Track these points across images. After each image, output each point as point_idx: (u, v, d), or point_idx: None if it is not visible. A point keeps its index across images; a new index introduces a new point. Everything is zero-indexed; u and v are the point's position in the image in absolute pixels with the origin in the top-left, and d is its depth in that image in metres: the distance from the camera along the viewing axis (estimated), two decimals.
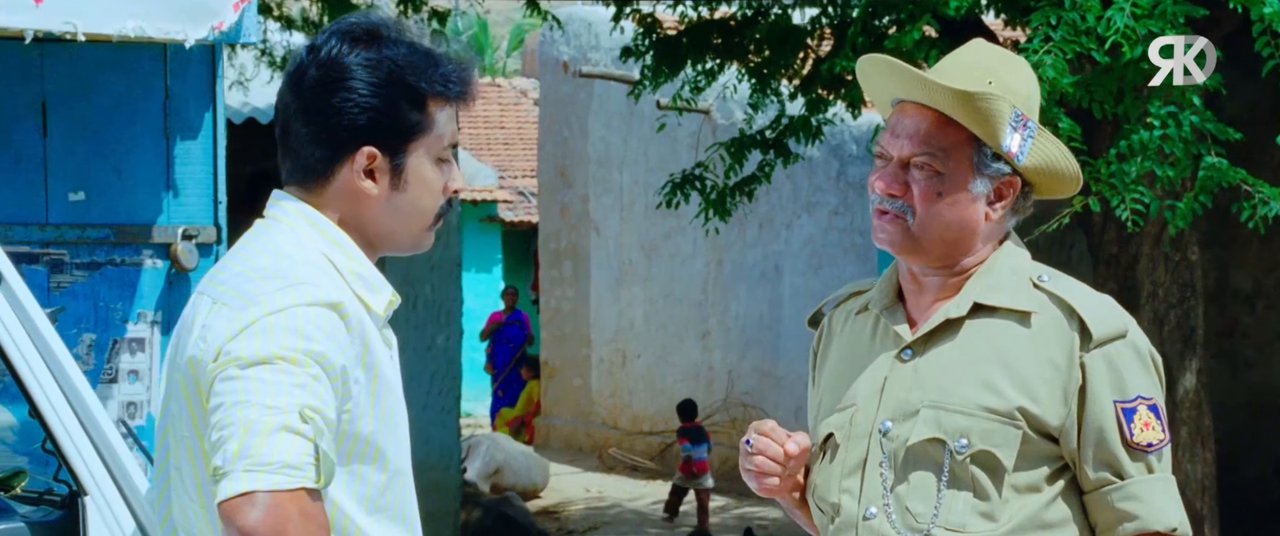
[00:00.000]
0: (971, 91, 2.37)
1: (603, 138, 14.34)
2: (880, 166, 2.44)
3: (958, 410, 2.37)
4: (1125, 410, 2.37)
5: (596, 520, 12.04)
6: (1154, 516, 2.39)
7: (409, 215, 2.18)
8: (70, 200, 4.18)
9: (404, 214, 2.18)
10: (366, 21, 2.18)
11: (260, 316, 2.02)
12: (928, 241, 2.41)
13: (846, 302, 2.59)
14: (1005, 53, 2.52)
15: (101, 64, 4.13)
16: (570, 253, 14.95)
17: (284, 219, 2.15)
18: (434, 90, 2.15)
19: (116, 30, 3.66)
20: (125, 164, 4.24)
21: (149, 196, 4.16)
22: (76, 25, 3.60)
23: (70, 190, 4.15)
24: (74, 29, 3.62)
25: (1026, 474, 2.39)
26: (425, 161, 2.16)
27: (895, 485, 2.39)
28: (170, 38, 3.69)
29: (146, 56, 4.07)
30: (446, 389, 10.38)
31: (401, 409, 2.20)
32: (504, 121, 19.41)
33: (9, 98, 4.18)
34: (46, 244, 4.22)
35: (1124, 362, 2.39)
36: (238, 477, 1.94)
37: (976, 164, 2.40)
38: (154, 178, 4.17)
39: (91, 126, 4.24)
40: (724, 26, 8.40)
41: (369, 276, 2.17)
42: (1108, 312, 2.42)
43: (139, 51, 4.01)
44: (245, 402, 1.97)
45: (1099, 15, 5.95)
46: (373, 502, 2.12)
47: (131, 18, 3.63)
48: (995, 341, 2.40)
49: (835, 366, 2.54)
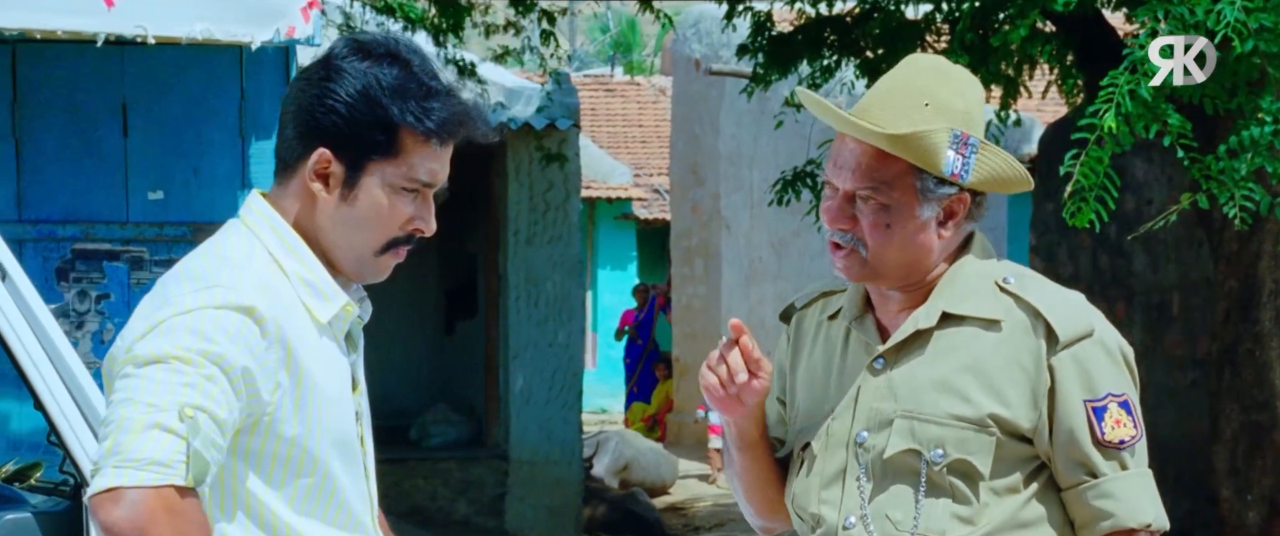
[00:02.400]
0: (900, 134, 2.34)
1: (733, 135, 14.32)
2: (828, 196, 2.43)
3: (931, 420, 2.37)
4: (1095, 408, 2.37)
5: (723, 517, 12.03)
6: (1128, 513, 2.39)
7: (352, 231, 2.18)
8: (149, 199, 4.30)
9: (348, 228, 2.18)
10: (387, 41, 2.21)
11: (168, 317, 2.06)
12: (884, 269, 2.41)
13: (816, 303, 2.58)
14: (941, 65, 2.46)
15: (179, 66, 4.24)
16: (701, 250, 14.96)
17: (247, 219, 2.20)
18: (407, 120, 2.15)
19: (185, 33, 3.76)
20: (202, 163, 4.35)
21: (225, 195, 4.26)
22: (147, 28, 3.70)
23: (149, 189, 4.27)
24: (145, 32, 3.72)
25: (1004, 477, 2.39)
26: (383, 185, 2.16)
27: (873, 495, 2.40)
28: (237, 40, 3.78)
29: (222, 59, 4.17)
30: (568, 385, 10.46)
31: (340, 414, 2.19)
32: (641, 119, 19.47)
33: (91, 100, 4.31)
34: (127, 241, 4.34)
35: (1092, 361, 2.39)
36: (106, 473, 1.97)
37: (920, 191, 2.38)
38: (230, 176, 4.28)
39: (170, 127, 4.36)
40: (839, 23, 8.33)
41: (318, 284, 2.18)
42: (1073, 312, 2.41)
43: (215, 54, 4.11)
44: (129, 400, 2.00)
45: (1208, 9, 5.79)
46: (300, 504, 2.14)
47: (200, 21, 3.72)
48: (964, 349, 2.40)
49: (809, 374, 2.54)
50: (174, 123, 4.36)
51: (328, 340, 2.19)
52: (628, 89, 19.90)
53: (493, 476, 10.56)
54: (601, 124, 19.29)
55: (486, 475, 10.57)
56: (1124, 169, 8.76)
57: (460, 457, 10.63)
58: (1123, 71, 5.61)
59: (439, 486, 10.54)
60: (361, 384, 2.29)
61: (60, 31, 3.67)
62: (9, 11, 3.61)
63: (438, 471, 10.52)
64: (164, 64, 4.19)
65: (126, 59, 4.23)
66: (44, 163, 4.56)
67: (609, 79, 20.98)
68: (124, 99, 4.31)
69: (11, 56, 4.46)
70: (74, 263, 4.43)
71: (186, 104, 4.35)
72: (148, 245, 4.33)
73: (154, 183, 4.34)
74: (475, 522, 10.48)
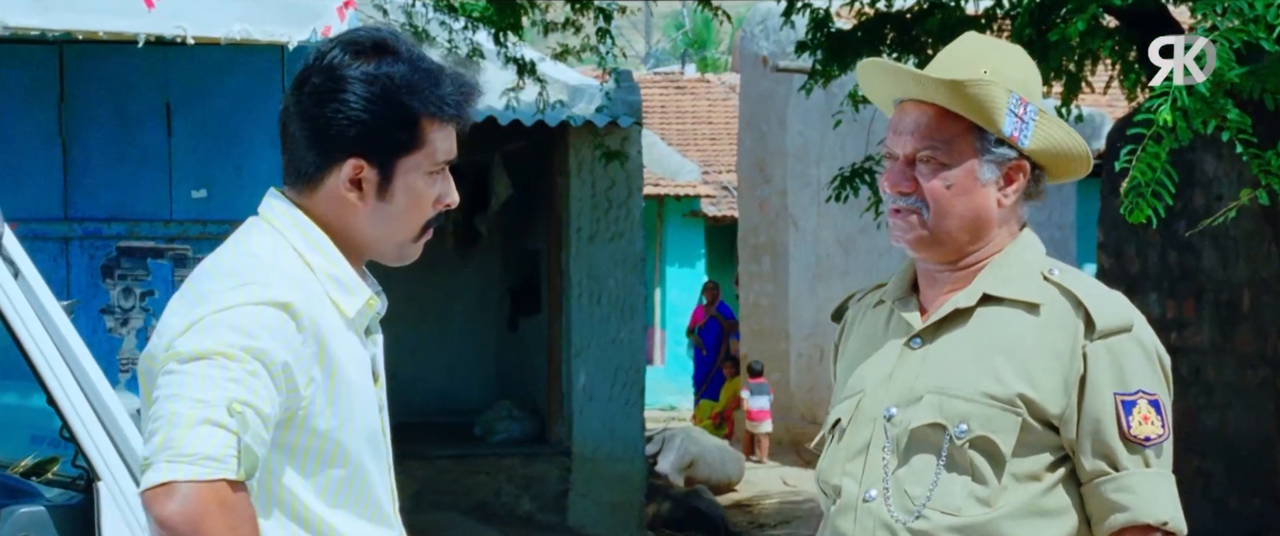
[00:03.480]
0: (962, 79, 2.38)
1: (800, 132, 14.28)
2: (888, 166, 2.46)
3: (960, 396, 2.38)
4: (1125, 402, 2.37)
5: (789, 514, 12.00)
6: (1145, 508, 2.37)
7: (393, 226, 2.22)
8: (193, 197, 4.35)
9: (388, 224, 2.22)
10: (374, 35, 2.23)
11: (207, 314, 2.08)
12: (943, 233, 2.43)
13: (868, 296, 2.62)
14: (999, 43, 2.53)
15: (222, 67, 4.29)
16: (769, 248, 14.92)
17: (269, 218, 2.22)
18: (428, 110, 2.18)
19: (224, 34, 3.81)
20: (245, 162, 4.40)
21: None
22: (186, 29, 3.75)
23: (193, 188, 4.33)
24: (184, 32, 3.77)
25: (1026, 461, 2.39)
26: (415, 176, 2.20)
27: (896, 468, 2.41)
28: (274, 40, 3.82)
29: (263, 59, 4.22)
30: (630, 382, 10.47)
31: (368, 408, 2.23)
32: (711, 116, 19.44)
33: (136, 100, 4.37)
34: (171, 239, 4.39)
35: (1127, 356, 2.39)
36: (159, 468, 1.99)
37: (980, 150, 2.41)
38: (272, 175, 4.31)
39: (213, 127, 4.41)
40: (899, 19, 8.28)
41: (344, 279, 2.21)
42: (1115, 306, 2.42)
43: (256, 55, 4.16)
44: (176, 396, 2.02)
45: (1269, 2, 5.70)
46: (333, 496, 2.17)
47: (238, 21, 3.76)
48: (1001, 330, 2.41)
49: (850, 356, 2.58)
50: (217, 123, 4.41)
51: (352, 334, 2.23)
52: (698, 86, 19.89)
53: (556, 472, 10.60)
54: (671, 121, 19.28)
55: (550, 471, 10.60)
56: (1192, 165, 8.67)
57: (524, 454, 10.67)
58: None
59: (503, 482, 10.59)
60: (382, 376, 2.32)
61: (102, 32, 3.73)
62: (53, 13, 3.67)
63: (501, 467, 10.57)
64: (207, 65, 4.24)
65: (170, 61, 4.29)
66: (90, 162, 4.64)
67: (680, 76, 20.98)
68: (168, 100, 4.37)
69: (59, 58, 4.54)
70: (119, 260, 4.50)
71: (229, 104, 4.40)
72: (191, 243, 4.39)
73: (197, 181, 4.40)
74: (538, 519, 10.52)
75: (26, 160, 4.63)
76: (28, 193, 4.60)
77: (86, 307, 4.66)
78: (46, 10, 3.65)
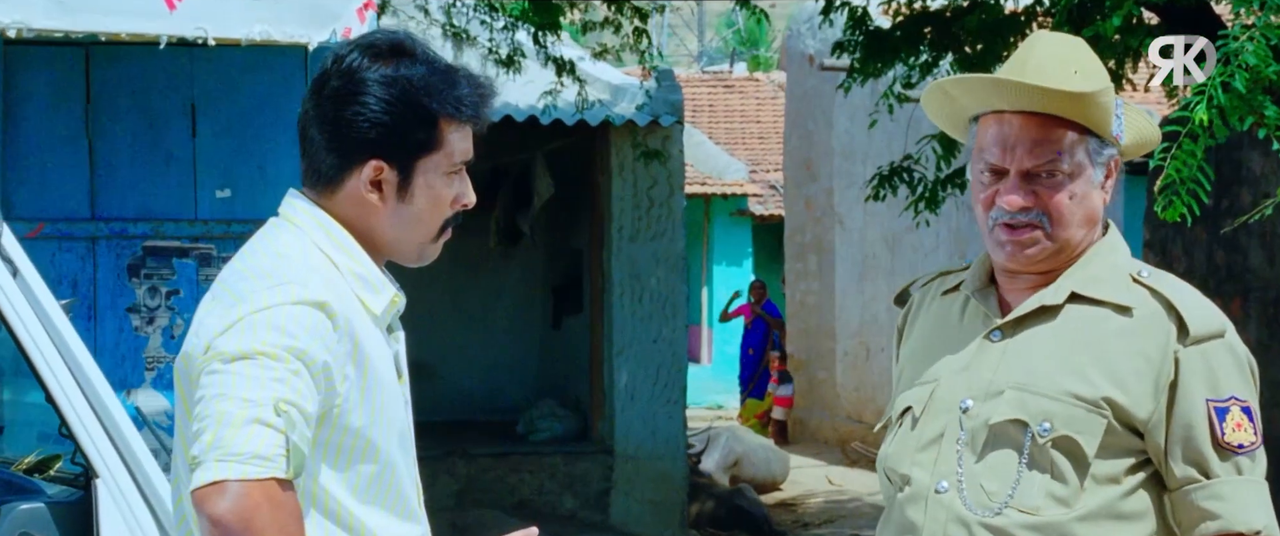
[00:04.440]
0: (1088, 92, 2.34)
1: (846, 131, 14.24)
2: (991, 181, 2.39)
3: (1043, 394, 2.34)
4: (1218, 408, 2.33)
5: (834, 513, 11.97)
6: (1238, 517, 2.33)
7: (413, 226, 2.25)
8: (217, 197, 4.39)
9: (408, 225, 2.24)
10: (391, 38, 2.25)
11: (246, 314, 2.09)
12: (1064, 241, 2.39)
13: (934, 282, 2.58)
14: (1068, 38, 2.45)
15: (245, 68, 4.33)
16: (815, 246, 14.89)
17: (293, 218, 2.24)
18: (446, 111, 2.21)
19: (244, 35, 3.84)
20: (269, 161, 4.43)
21: None
22: (207, 30, 3.79)
23: (217, 187, 4.37)
24: (205, 34, 3.81)
25: (1106, 464, 2.35)
26: (434, 177, 2.23)
27: (971, 462, 2.37)
28: (296, 41, 3.85)
29: (286, 60, 4.25)
30: (672, 381, 10.48)
31: (396, 404, 2.26)
32: (759, 115, 19.41)
33: (161, 101, 4.42)
34: (195, 239, 4.43)
35: (1219, 361, 2.36)
36: (210, 467, 2.01)
37: (1093, 155, 2.38)
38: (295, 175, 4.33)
39: (237, 127, 4.45)
40: (938, 18, 8.25)
41: (369, 277, 2.23)
42: (1208, 312, 2.39)
43: (279, 55, 4.19)
44: (223, 396, 2.04)
45: None
46: (364, 492, 2.19)
47: (258, 22, 3.80)
48: (1088, 330, 2.38)
49: (919, 343, 2.53)
50: (241, 123, 4.45)
51: (378, 332, 2.26)
52: (746, 85, 19.87)
53: (598, 471, 10.62)
54: (720, 120, 19.27)
55: (592, 469, 10.63)
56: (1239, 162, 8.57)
57: (566, 452, 10.70)
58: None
59: (545, 480, 10.62)
60: (405, 373, 2.35)
61: (124, 34, 3.78)
62: (76, 15, 3.72)
63: (544, 465, 10.61)
64: (231, 66, 4.28)
65: (195, 62, 4.33)
66: (116, 162, 4.70)
67: (728, 75, 20.96)
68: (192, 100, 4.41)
69: (85, 60, 4.60)
70: (145, 259, 4.55)
71: (252, 104, 4.44)
72: (216, 242, 4.43)
73: (221, 181, 4.44)
74: (581, 516, 10.55)
75: (55, 161, 4.69)
76: (56, 193, 4.67)
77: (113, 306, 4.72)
78: (69, 12, 3.70)
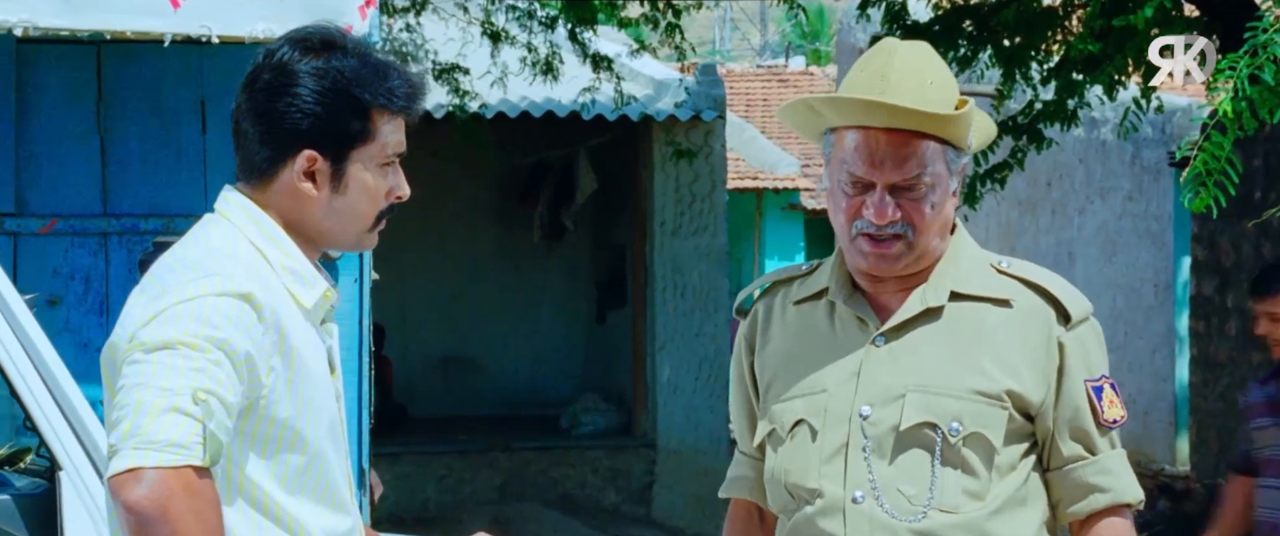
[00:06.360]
0: (958, 115, 2.38)
1: None
2: (855, 192, 2.41)
3: (947, 394, 2.39)
4: (1094, 388, 2.44)
5: None
6: (1125, 490, 2.47)
7: (347, 217, 2.28)
8: None
9: (343, 216, 2.28)
10: (323, 32, 2.30)
11: (170, 304, 2.13)
12: (925, 250, 2.42)
13: (777, 291, 2.59)
14: (914, 44, 2.47)
15: None
16: None
17: (226, 213, 2.28)
18: (378, 102, 2.25)
19: (248, 33, 3.89)
20: None
21: None
22: (211, 28, 3.84)
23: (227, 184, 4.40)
24: (209, 32, 3.85)
25: (1006, 453, 2.42)
26: (366, 168, 2.26)
27: (883, 468, 2.40)
28: None
29: None
30: (714, 375, 10.48)
31: (326, 396, 2.28)
32: None
33: (172, 98, 4.47)
34: None
35: (1091, 343, 2.46)
36: (126, 454, 2.05)
37: (950, 165, 2.42)
38: None
39: None
40: (976, 12, 8.20)
41: (301, 271, 2.27)
42: (1077, 295, 2.47)
43: None
44: (142, 385, 2.08)
45: None
46: (292, 483, 2.22)
47: (261, 20, 3.84)
48: (975, 326, 2.44)
49: (783, 353, 2.53)
50: None
51: (309, 325, 2.28)
52: (801, 79, 19.81)
53: (641, 465, 10.64)
54: (773, 115, 19.20)
55: (635, 464, 10.65)
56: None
57: (609, 446, 10.73)
58: (1243, 54, 5.44)
59: (588, 474, 10.65)
60: (338, 367, 2.38)
61: (129, 32, 3.84)
62: (82, 13, 3.78)
63: (587, 459, 10.64)
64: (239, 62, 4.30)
65: (204, 58, 4.38)
66: (128, 159, 4.75)
67: (783, 69, 20.90)
68: (203, 97, 4.46)
69: (97, 57, 4.67)
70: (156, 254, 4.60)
71: None
72: None
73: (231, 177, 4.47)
74: (624, 511, 10.57)
75: (67, 158, 4.76)
76: (69, 189, 4.74)
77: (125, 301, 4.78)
78: (75, 11, 3.75)
